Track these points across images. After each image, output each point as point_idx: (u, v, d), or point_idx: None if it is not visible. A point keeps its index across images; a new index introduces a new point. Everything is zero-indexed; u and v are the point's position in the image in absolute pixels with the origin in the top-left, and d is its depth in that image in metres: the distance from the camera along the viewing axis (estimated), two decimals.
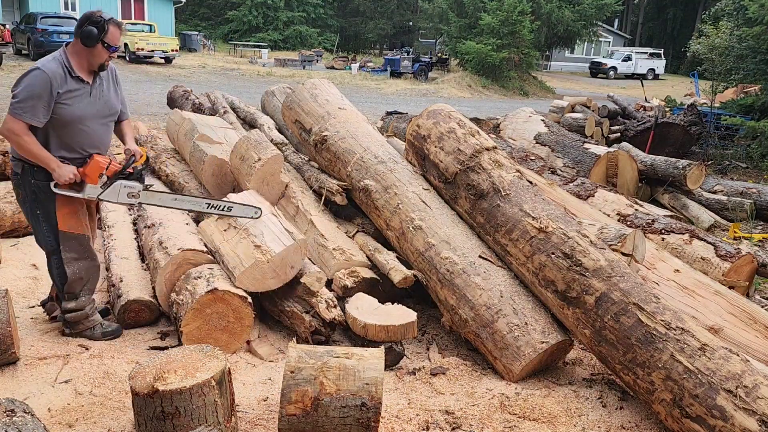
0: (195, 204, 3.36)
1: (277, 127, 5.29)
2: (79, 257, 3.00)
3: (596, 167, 6.25)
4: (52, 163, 2.80)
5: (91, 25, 2.80)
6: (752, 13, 9.24)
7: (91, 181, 2.91)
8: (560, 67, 38.08)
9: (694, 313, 3.36)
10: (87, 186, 2.92)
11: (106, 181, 2.95)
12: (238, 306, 3.06)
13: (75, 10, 26.75)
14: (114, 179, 2.96)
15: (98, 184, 2.93)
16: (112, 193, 2.97)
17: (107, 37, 2.83)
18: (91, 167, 2.91)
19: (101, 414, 2.48)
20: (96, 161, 2.92)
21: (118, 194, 2.98)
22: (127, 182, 2.99)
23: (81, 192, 2.92)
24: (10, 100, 2.76)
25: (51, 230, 2.92)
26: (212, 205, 3.35)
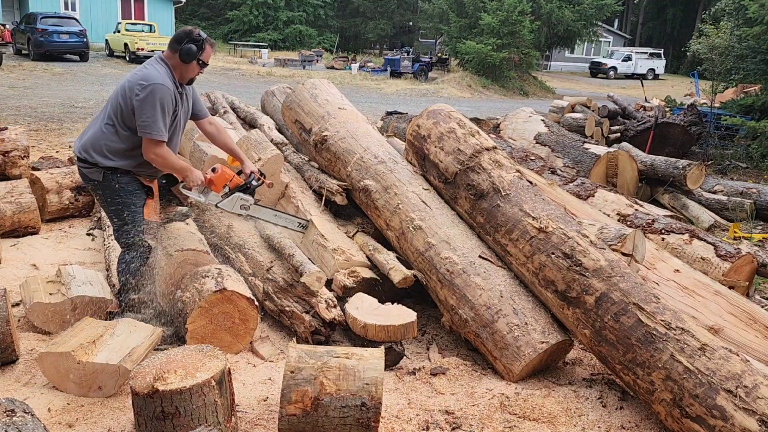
0: (289, 222, 3.65)
1: (277, 127, 5.29)
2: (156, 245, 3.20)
3: (596, 167, 6.25)
4: (186, 170, 3.07)
5: (191, 42, 2.97)
6: (752, 13, 9.24)
7: (215, 189, 3.21)
8: (560, 67, 38.08)
9: (694, 313, 3.36)
10: (211, 193, 3.22)
11: (227, 192, 3.25)
12: (244, 308, 3.06)
13: (75, 10, 26.76)
14: (233, 191, 3.26)
15: (220, 193, 3.23)
16: (229, 203, 3.29)
17: (203, 55, 3.02)
18: (219, 177, 3.20)
19: (101, 414, 2.48)
20: (224, 173, 3.21)
21: (234, 205, 3.30)
22: (243, 195, 3.31)
23: (204, 197, 3.22)
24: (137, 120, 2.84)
25: (136, 225, 3.07)
26: (302, 224, 3.66)
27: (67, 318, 3.11)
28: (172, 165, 2.99)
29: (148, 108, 2.82)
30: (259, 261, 3.55)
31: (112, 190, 3.00)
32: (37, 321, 3.07)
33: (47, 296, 3.11)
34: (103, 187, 3.01)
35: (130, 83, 2.89)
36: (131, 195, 3.03)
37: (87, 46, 20.22)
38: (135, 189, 3.05)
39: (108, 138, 2.94)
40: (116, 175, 2.98)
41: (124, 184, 3.01)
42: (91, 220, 4.85)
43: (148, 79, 2.86)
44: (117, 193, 3.01)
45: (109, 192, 3.01)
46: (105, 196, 3.03)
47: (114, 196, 3.01)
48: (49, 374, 2.61)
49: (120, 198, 3.01)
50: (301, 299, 3.29)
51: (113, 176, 2.98)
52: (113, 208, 3.05)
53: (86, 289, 3.21)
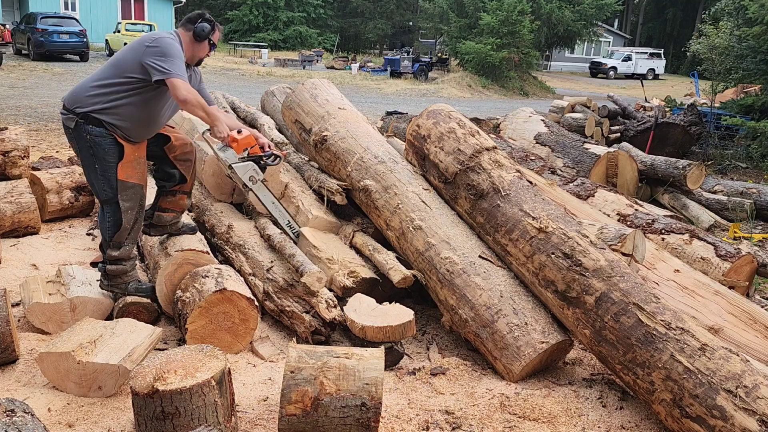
0: (282, 218, 3.63)
1: (277, 127, 5.29)
2: (133, 207, 3.11)
3: (596, 167, 6.25)
4: (217, 119, 3.07)
5: (205, 21, 3.10)
6: (752, 13, 9.23)
7: (237, 149, 3.24)
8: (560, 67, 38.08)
9: (694, 313, 3.36)
10: (230, 151, 3.26)
11: (245, 156, 3.28)
12: (244, 308, 3.06)
13: (75, 10, 26.78)
14: (250, 158, 3.30)
15: (239, 155, 3.26)
16: (242, 168, 3.31)
17: (214, 35, 3.15)
18: (245, 139, 3.24)
19: (101, 414, 2.48)
20: (250, 137, 3.27)
21: (245, 172, 3.33)
22: (257, 167, 3.34)
23: (223, 153, 3.29)
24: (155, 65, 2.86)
25: (107, 181, 3.02)
26: (291, 224, 3.65)
27: (66, 318, 3.11)
28: (203, 107, 2.96)
29: (165, 55, 2.86)
30: (259, 261, 3.56)
31: (83, 141, 2.96)
32: (36, 321, 3.07)
33: (46, 296, 3.11)
34: (76, 136, 2.98)
35: (139, 41, 2.97)
36: (102, 149, 2.97)
37: (87, 46, 20.23)
38: (107, 144, 2.97)
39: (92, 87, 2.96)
40: (88, 125, 2.93)
41: (95, 136, 2.94)
42: (91, 220, 4.85)
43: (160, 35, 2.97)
44: (88, 145, 2.96)
45: (81, 142, 2.98)
46: (79, 146, 3.01)
47: (86, 147, 2.98)
48: (49, 374, 2.61)
49: (92, 150, 2.97)
50: (302, 299, 3.29)
51: (85, 126, 2.94)
52: (86, 161, 3.03)
53: (86, 290, 3.21)
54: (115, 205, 3.06)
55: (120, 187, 3.03)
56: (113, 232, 3.11)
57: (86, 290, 3.20)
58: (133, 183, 3.07)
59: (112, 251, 3.14)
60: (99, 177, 3.02)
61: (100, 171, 3.00)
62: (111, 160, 2.99)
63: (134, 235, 3.19)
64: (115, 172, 3.00)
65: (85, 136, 2.95)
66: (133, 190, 3.08)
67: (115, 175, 3.01)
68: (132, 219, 3.12)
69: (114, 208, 3.07)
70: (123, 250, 3.15)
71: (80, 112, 2.93)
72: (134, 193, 3.09)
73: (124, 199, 3.05)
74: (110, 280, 3.20)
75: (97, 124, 2.94)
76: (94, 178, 3.04)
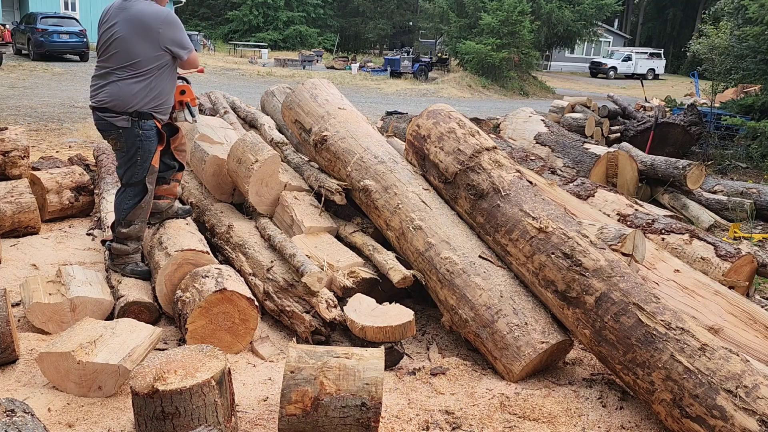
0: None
1: (277, 126, 5.29)
2: (151, 190, 3.48)
3: (596, 167, 6.25)
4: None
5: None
6: (752, 13, 9.24)
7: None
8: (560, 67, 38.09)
9: (694, 313, 3.36)
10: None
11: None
12: (244, 308, 3.06)
13: (75, 10, 26.80)
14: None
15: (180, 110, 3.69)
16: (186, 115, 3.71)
17: None
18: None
19: (101, 414, 2.48)
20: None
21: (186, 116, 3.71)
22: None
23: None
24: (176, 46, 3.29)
25: (144, 168, 3.37)
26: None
27: (66, 318, 3.11)
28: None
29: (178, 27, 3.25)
30: (259, 261, 3.56)
31: (134, 136, 3.29)
32: (36, 321, 3.07)
33: (46, 296, 3.11)
34: (127, 134, 3.28)
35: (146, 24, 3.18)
36: (149, 141, 3.33)
37: (87, 46, 20.23)
38: (153, 135, 3.35)
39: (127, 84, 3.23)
40: (141, 120, 3.27)
41: (146, 130, 3.30)
42: (91, 220, 4.85)
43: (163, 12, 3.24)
44: (139, 138, 3.29)
45: (132, 138, 3.29)
46: (127, 142, 3.30)
47: (135, 141, 3.30)
48: (49, 374, 2.61)
49: (140, 143, 3.30)
50: (302, 299, 3.29)
51: (139, 122, 3.27)
52: (130, 153, 3.33)
53: (86, 290, 3.21)
54: (142, 186, 3.41)
55: (150, 170, 3.40)
56: (130, 210, 3.42)
57: (86, 290, 3.20)
58: (155, 168, 3.46)
59: (123, 228, 3.45)
60: (137, 165, 3.36)
61: (141, 161, 3.34)
62: (153, 149, 3.37)
63: (144, 214, 3.51)
64: (152, 158, 3.37)
65: (137, 132, 3.29)
66: (156, 173, 3.49)
67: (151, 161, 3.38)
68: (148, 199, 3.48)
69: (141, 189, 3.41)
70: (132, 228, 3.47)
71: (133, 111, 3.25)
72: (155, 177, 3.49)
73: (149, 182, 3.43)
74: (113, 259, 3.50)
75: (148, 118, 3.30)
76: (130, 166, 3.37)
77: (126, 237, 3.47)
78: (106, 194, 4.73)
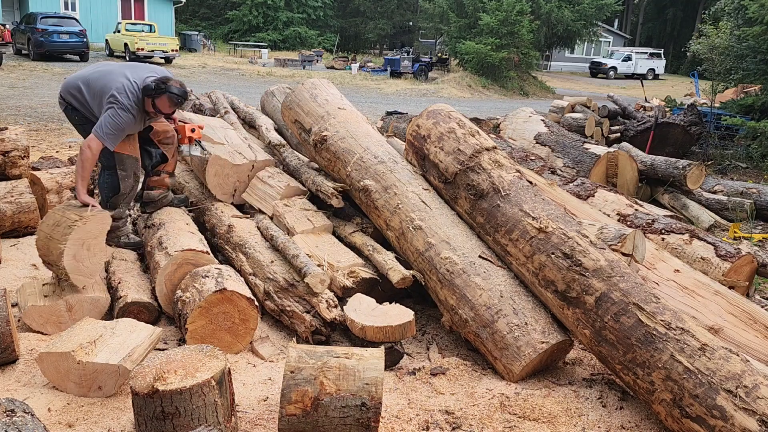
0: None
1: (276, 127, 5.29)
2: (129, 175, 3.70)
3: (596, 167, 6.25)
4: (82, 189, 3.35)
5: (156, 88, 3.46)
6: (752, 13, 9.24)
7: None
8: (560, 67, 38.08)
9: (694, 313, 3.36)
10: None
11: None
12: (244, 308, 3.06)
13: (75, 10, 26.78)
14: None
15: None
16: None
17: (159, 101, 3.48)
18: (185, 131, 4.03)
19: (101, 414, 2.48)
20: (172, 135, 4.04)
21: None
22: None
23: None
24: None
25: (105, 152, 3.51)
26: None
27: (63, 319, 3.11)
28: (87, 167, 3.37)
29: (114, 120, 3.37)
30: (259, 261, 3.56)
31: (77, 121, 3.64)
32: (34, 324, 3.07)
33: (42, 299, 3.11)
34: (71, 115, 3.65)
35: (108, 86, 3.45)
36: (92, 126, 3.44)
37: (87, 46, 20.23)
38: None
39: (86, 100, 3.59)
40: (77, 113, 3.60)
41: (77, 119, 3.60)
42: None
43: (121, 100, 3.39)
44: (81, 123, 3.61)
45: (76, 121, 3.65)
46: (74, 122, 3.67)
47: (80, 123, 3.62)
48: (49, 374, 2.61)
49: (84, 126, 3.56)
50: (302, 299, 3.29)
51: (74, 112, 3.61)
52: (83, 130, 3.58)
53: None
54: (113, 171, 3.64)
55: (117, 159, 3.60)
56: (110, 195, 3.71)
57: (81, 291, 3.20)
58: (128, 154, 3.65)
59: (109, 210, 3.56)
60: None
61: None
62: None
63: (129, 199, 3.82)
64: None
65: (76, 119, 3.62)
66: (129, 161, 3.67)
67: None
68: (130, 185, 3.73)
69: (112, 173, 3.65)
70: (117, 212, 3.74)
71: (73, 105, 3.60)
72: (130, 164, 3.68)
73: (121, 168, 3.65)
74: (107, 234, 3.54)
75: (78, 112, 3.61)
76: None
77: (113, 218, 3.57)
78: None
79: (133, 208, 4.26)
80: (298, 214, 3.93)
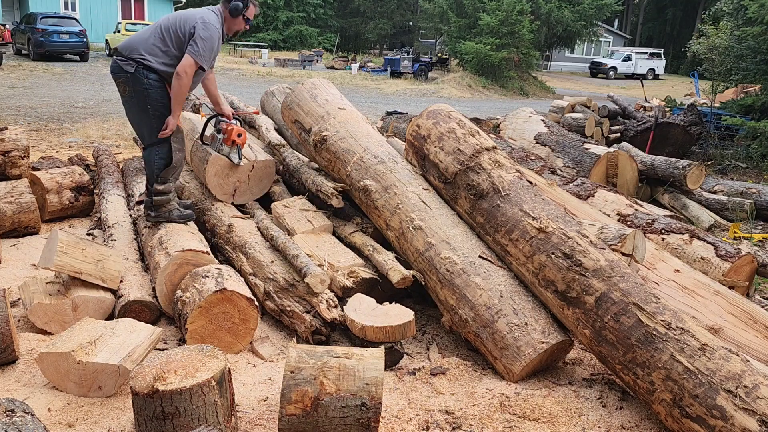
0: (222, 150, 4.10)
1: (276, 127, 5.29)
2: (181, 149, 3.74)
3: (596, 167, 6.25)
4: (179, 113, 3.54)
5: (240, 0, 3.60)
6: (752, 13, 9.23)
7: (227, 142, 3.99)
8: (560, 67, 38.09)
9: (694, 313, 3.36)
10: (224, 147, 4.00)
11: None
12: (244, 308, 3.06)
13: (75, 10, 26.79)
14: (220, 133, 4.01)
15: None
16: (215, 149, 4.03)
17: (248, 11, 3.67)
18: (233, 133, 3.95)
19: (101, 414, 2.48)
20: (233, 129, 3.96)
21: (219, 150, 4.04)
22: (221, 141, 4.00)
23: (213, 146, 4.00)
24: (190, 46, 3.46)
25: (160, 123, 3.55)
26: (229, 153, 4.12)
27: (68, 318, 3.11)
28: (184, 92, 3.48)
29: (206, 40, 3.44)
30: (259, 261, 3.56)
31: (141, 84, 3.47)
32: (39, 322, 3.08)
33: (47, 297, 3.12)
34: (133, 79, 3.48)
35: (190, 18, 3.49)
36: (156, 91, 3.50)
37: (87, 46, 20.24)
38: (159, 88, 3.51)
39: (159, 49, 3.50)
40: (145, 71, 3.47)
41: (152, 80, 3.48)
42: (91, 220, 4.85)
43: (209, 21, 3.49)
44: (145, 87, 3.48)
45: (139, 85, 3.48)
46: (134, 88, 3.50)
47: (141, 89, 3.49)
48: (49, 374, 2.61)
49: (146, 91, 3.48)
50: (302, 299, 3.29)
51: (142, 71, 3.47)
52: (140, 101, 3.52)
53: (87, 289, 3.21)
54: (167, 145, 3.64)
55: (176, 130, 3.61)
56: (162, 168, 3.69)
57: (87, 290, 3.20)
58: (180, 128, 3.68)
59: (159, 185, 3.70)
60: (152, 118, 3.55)
61: (152, 111, 3.53)
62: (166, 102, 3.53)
63: (177, 174, 3.82)
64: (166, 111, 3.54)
65: (143, 80, 3.47)
66: (180, 135, 3.72)
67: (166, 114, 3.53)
68: (180, 159, 3.75)
69: (167, 148, 3.65)
70: (167, 186, 3.73)
71: (138, 59, 3.47)
72: (181, 138, 3.73)
73: (175, 141, 3.67)
74: (157, 210, 3.75)
75: (152, 71, 3.48)
76: (146, 120, 3.58)
77: (161, 192, 3.72)
78: (106, 194, 4.74)
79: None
80: (297, 214, 3.93)
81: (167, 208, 3.76)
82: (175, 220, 3.74)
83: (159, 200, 3.73)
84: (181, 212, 3.81)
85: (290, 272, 3.39)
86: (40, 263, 3.22)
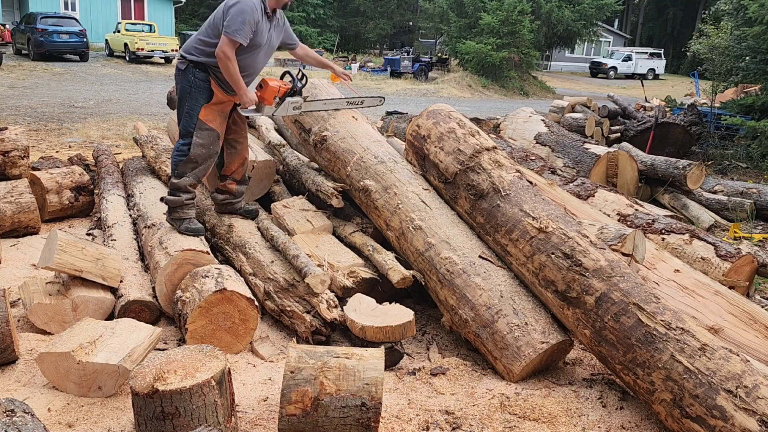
0: (338, 103, 4.08)
1: (276, 127, 5.29)
2: (204, 145, 3.60)
3: (596, 167, 6.25)
4: (241, 89, 3.47)
5: None
6: (752, 13, 9.23)
7: (268, 103, 3.66)
8: (560, 67, 38.10)
9: (694, 313, 3.36)
10: (265, 107, 3.66)
11: (278, 101, 3.69)
12: (244, 308, 3.06)
13: (75, 10, 26.78)
14: (284, 98, 3.70)
15: (273, 104, 3.68)
16: (283, 110, 3.73)
17: None
18: (268, 92, 3.64)
19: (101, 414, 2.48)
20: (271, 87, 3.64)
21: (287, 110, 3.74)
22: (293, 99, 3.73)
23: (260, 112, 3.69)
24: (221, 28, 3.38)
25: (191, 118, 3.57)
26: (350, 101, 4.11)
27: (68, 318, 3.11)
28: (233, 71, 3.40)
29: (235, 14, 3.33)
30: (259, 261, 3.56)
31: (187, 81, 3.54)
32: (39, 322, 3.08)
33: (47, 297, 3.12)
34: (183, 76, 3.55)
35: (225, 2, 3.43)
36: (198, 90, 3.53)
37: (87, 46, 20.25)
38: (203, 87, 3.53)
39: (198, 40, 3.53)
40: (195, 69, 3.51)
41: (198, 79, 3.51)
42: (91, 220, 4.85)
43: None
44: (190, 85, 3.53)
45: (185, 82, 3.55)
46: (181, 85, 3.56)
47: (186, 87, 3.54)
48: (49, 374, 2.61)
49: (189, 89, 3.53)
50: (302, 299, 3.29)
51: (192, 70, 3.52)
52: (182, 97, 3.58)
53: (86, 289, 3.21)
54: (190, 139, 3.58)
55: (198, 125, 3.56)
56: (180, 160, 3.61)
57: (87, 290, 3.20)
58: (210, 127, 3.59)
59: (175, 178, 3.64)
60: (185, 113, 3.58)
61: (187, 108, 3.56)
62: (200, 101, 3.54)
63: (198, 172, 3.66)
64: (199, 111, 3.54)
65: (190, 78, 3.53)
66: (209, 132, 3.59)
67: (197, 113, 3.54)
68: (200, 156, 3.60)
69: (189, 141, 3.58)
70: (183, 180, 3.63)
71: (190, 59, 3.52)
72: (208, 135, 3.60)
73: (198, 137, 3.58)
74: (170, 213, 3.69)
75: (202, 70, 3.52)
76: (181, 113, 3.61)
77: (177, 188, 3.63)
78: (106, 194, 4.74)
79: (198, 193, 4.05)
80: (297, 214, 3.93)
81: (179, 215, 3.67)
82: (182, 232, 3.63)
83: (170, 200, 3.65)
84: (189, 225, 3.67)
85: (290, 272, 3.39)
86: (40, 263, 3.22)
